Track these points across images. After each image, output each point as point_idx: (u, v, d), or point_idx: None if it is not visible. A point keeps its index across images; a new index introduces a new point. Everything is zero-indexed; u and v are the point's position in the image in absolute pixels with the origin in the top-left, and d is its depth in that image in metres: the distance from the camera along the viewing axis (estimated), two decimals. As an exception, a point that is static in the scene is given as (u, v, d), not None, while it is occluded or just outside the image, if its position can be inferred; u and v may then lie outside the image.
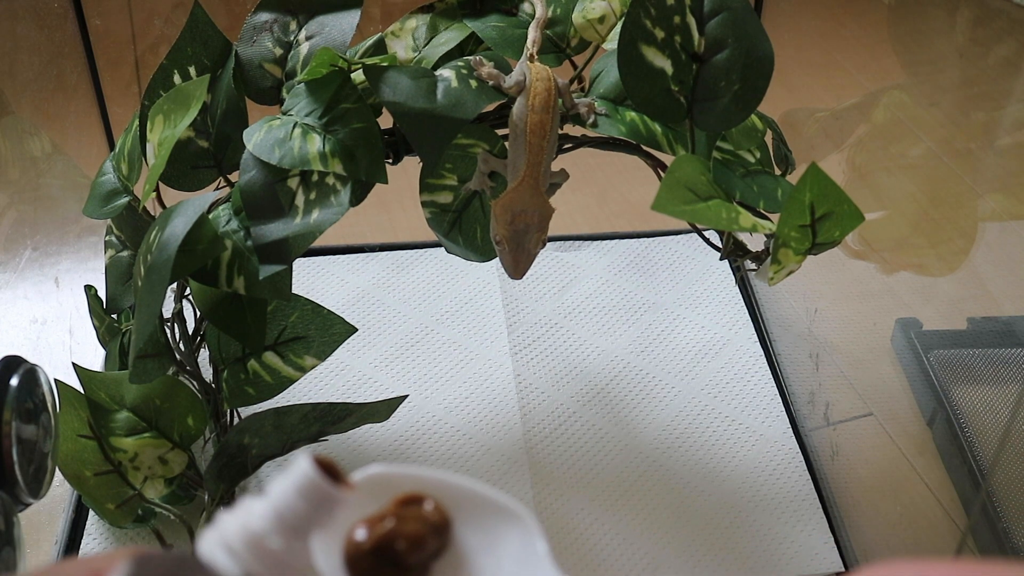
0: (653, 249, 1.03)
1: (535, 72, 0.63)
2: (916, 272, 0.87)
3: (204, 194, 0.61)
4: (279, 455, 0.74)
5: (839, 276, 0.87)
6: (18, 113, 0.86)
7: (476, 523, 0.32)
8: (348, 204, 0.60)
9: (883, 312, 0.85)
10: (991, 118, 0.84)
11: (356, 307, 0.95)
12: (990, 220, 0.82)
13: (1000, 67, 0.83)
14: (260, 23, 0.69)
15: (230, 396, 0.72)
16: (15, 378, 0.54)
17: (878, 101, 0.94)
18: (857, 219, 0.57)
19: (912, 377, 0.80)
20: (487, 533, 0.32)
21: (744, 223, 0.58)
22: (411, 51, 0.69)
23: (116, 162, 0.71)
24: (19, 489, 0.53)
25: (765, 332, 0.93)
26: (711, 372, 0.89)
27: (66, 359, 0.75)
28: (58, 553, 0.74)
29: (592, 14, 0.68)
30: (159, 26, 1.04)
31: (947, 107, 0.90)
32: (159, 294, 0.57)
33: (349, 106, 0.61)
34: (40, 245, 0.84)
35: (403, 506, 0.32)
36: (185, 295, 0.71)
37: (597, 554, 0.74)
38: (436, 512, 0.32)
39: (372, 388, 0.87)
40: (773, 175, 0.66)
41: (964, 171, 0.85)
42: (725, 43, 0.60)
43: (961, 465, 0.71)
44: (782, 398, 0.87)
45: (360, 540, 0.31)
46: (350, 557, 0.31)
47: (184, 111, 0.62)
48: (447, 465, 0.80)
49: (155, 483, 0.69)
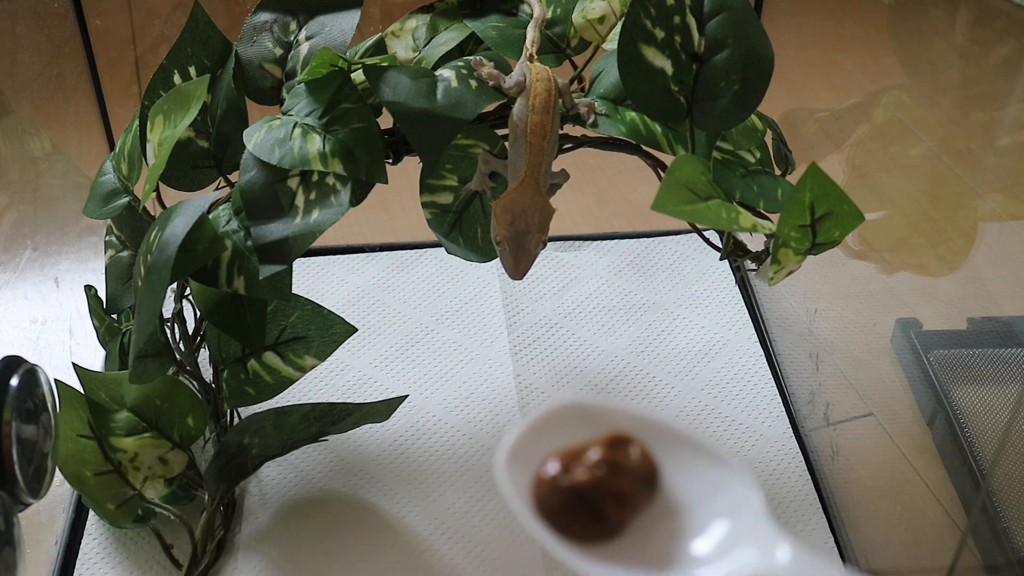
0: (653, 249, 1.03)
1: (535, 72, 0.63)
2: (916, 272, 0.87)
3: (204, 194, 0.61)
4: (279, 455, 0.74)
5: (839, 276, 0.87)
6: (18, 113, 0.87)
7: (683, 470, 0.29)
8: (348, 204, 0.60)
9: (883, 312, 0.85)
10: (991, 118, 0.84)
11: (356, 307, 0.95)
12: (990, 220, 0.82)
13: (1000, 67, 0.83)
14: (260, 23, 0.69)
15: (230, 396, 0.72)
16: (15, 378, 0.54)
17: (878, 101, 0.94)
18: (857, 219, 0.57)
19: (912, 377, 0.80)
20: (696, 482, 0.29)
21: (744, 223, 0.58)
22: (411, 51, 0.69)
23: (116, 162, 0.71)
24: (19, 489, 0.53)
25: (765, 332, 0.93)
26: (711, 372, 0.89)
27: (66, 359, 0.75)
28: (58, 553, 0.74)
29: (592, 14, 0.68)
30: (159, 26, 1.04)
31: (947, 107, 0.90)
32: (159, 294, 0.57)
33: (349, 106, 0.61)
34: (40, 245, 0.84)
35: (611, 447, 0.29)
36: (185, 295, 0.71)
37: (597, 554, 0.74)
38: (645, 460, 0.29)
39: (372, 388, 0.87)
40: (773, 175, 0.66)
41: (964, 171, 0.85)
42: (725, 43, 0.60)
43: (961, 465, 0.71)
44: (782, 398, 0.87)
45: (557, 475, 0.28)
46: (542, 489, 0.28)
47: (184, 111, 0.62)
48: (447, 465, 0.80)
49: (155, 483, 0.69)
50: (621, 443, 0.29)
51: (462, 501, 0.77)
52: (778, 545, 0.27)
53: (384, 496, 0.77)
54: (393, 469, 0.79)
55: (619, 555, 0.28)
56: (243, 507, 0.76)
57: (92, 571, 0.73)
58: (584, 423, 0.29)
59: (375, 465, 0.80)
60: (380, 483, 0.78)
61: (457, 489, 0.78)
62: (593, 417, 0.29)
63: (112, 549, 0.74)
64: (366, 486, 0.78)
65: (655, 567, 0.28)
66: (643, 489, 0.29)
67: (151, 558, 0.73)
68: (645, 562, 0.28)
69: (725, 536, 0.28)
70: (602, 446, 0.29)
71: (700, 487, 0.29)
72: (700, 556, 0.28)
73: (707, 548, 0.28)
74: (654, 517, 0.29)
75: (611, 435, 0.29)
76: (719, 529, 0.28)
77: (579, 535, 0.28)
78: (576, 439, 0.29)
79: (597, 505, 0.28)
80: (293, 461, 0.80)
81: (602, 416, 0.30)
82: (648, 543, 0.29)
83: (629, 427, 0.29)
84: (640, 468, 0.29)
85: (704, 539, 0.28)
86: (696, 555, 0.28)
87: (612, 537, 0.29)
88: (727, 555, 0.28)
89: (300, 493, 0.78)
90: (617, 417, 0.30)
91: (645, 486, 0.29)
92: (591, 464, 0.28)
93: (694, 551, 0.28)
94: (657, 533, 0.29)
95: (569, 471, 0.28)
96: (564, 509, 0.28)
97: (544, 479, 0.28)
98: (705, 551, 0.28)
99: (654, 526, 0.29)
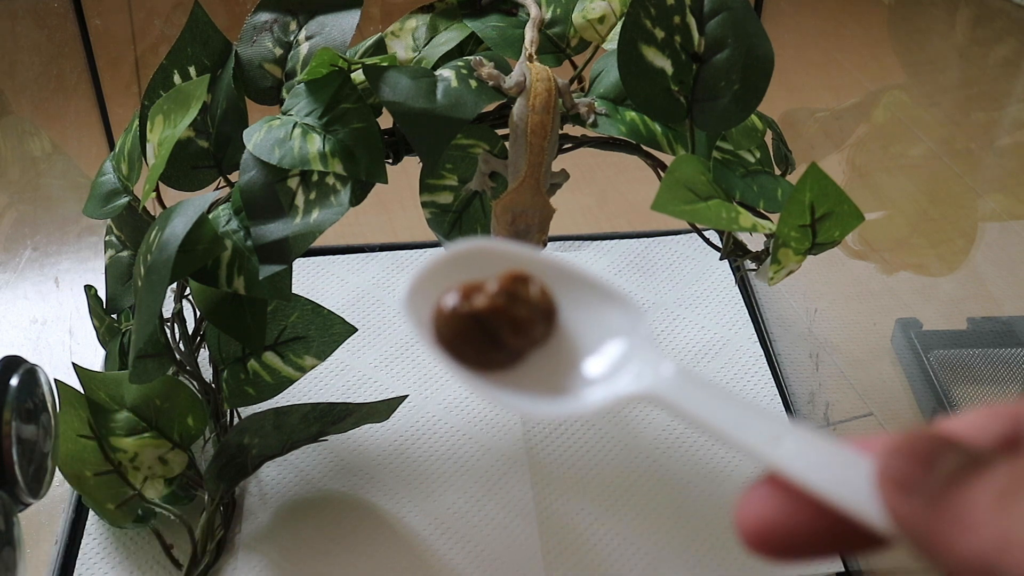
0: (653, 249, 1.03)
1: (535, 72, 0.63)
2: (916, 272, 0.87)
3: (204, 194, 0.61)
4: (279, 455, 0.74)
5: (839, 276, 0.87)
6: (18, 113, 0.86)
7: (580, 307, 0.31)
8: (348, 204, 0.60)
9: (883, 312, 0.85)
10: (991, 118, 0.85)
11: (356, 307, 0.95)
12: (990, 220, 0.82)
13: (1000, 67, 0.83)
14: (260, 23, 0.69)
15: (230, 396, 0.72)
16: (15, 378, 0.54)
17: (878, 101, 0.94)
18: (857, 219, 0.57)
19: (912, 377, 0.80)
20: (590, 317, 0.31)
21: (744, 223, 0.58)
22: (411, 51, 0.69)
23: (116, 162, 0.71)
24: (19, 489, 0.53)
25: (765, 332, 0.93)
26: (711, 372, 0.89)
27: (66, 359, 0.75)
28: (58, 553, 0.74)
29: (592, 14, 0.68)
30: (159, 26, 1.04)
31: (947, 107, 0.90)
32: (159, 294, 0.57)
33: (349, 106, 0.61)
34: (40, 245, 0.84)
35: (511, 281, 0.30)
36: (185, 295, 0.71)
37: (597, 554, 0.74)
38: (543, 296, 0.30)
39: (372, 388, 0.87)
40: (773, 175, 0.66)
41: (964, 171, 0.85)
42: (725, 43, 0.60)
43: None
44: (782, 398, 0.87)
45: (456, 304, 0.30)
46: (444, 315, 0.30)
47: (184, 111, 0.62)
48: (447, 465, 0.80)
49: (155, 483, 0.69)
50: (521, 279, 0.30)
51: (462, 501, 0.77)
52: (662, 363, 0.29)
53: (384, 496, 0.77)
54: (393, 469, 0.79)
55: (517, 382, 0.30)
56: (243, 507, 0.76)
57: (92, 571, 0.73)
58: (488, 264, 0.31)
59: (375, 465, 0.80)
60: (380, 483, 0.78)
61: (457, 489, 0.78)
62: (496, 258, 0.31)
63: (112, 549, 0.74)
64: (366, 486, 0.78)
65: (552, 392, 0.30)
66: (540, 322, 0.30)
67: (151, 558, 0.73)
68: (542, 388, 0.30)
69: (615, 360, 0.30)
70: (501, 280, 0.30)
71: (593, 320, 0.31)
72: (593, 378, 0.30)
73: (598, 371, 0.30)
74: (552, 349, 0.30)
75: (511, 272, 0.30)
76: (609, 354, 0.30)
77: (477, 361, 0.30)
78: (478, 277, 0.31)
79: (494, 331, 0.29)
80: (293, 461, 0.80)
81: (505, 257, 0.31)
82: (546, 371, 0.30)
83: (529, 267, 0.31)
84: (538, 302, 0.30)
85: (596, 364, 0.30)
86: (589, 378, 0.30)
87: (509, 366, 0.30)
88: (616, 375, 0.29)
89: (300, 493, 0.78)
90: (519, 258, 0.31)
91: (543, 319, 0.30)
92: (490, 293, 0.30)
93: (587, 374, 0.30)
94: (554, 362, 0.30)
95: (469, 300, 0.30)
96: (463, 335, 0.30)
97: (445, 308, 0.30)
98: (597, 374, 0.30)
99: (552, 356, 0.30)
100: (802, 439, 0.26)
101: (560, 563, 0.73)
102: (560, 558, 0.73)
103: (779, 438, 0.26)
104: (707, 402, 0.28)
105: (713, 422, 0.27)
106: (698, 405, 0.28)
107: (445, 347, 0.30)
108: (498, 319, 0.29)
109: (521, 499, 0.77)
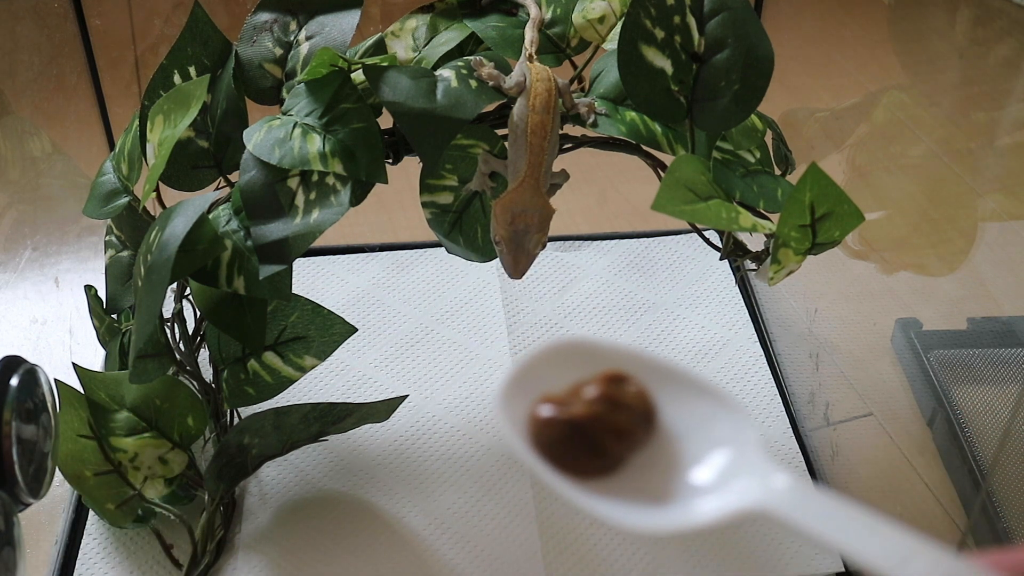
0: (653, 249, 1.03)
1: (535, 72, 0.63)
2: (916, 272, 0.87)
3: (204, 194, 0.61)
4: (279, 455, 0.74)
5: (839, 276, 0.87)
6: (18, 113, 0.86)
7: (680, 408, 0.29)
8: (348, 204, 0.60)
9: (883, 312, 0.85)
10: (991, 118, 0.85)
11: (356, 307, 0.95)
12: (990, 220, 0.82)
13: (1000, 67, 0.83)
14: (260, 23, 0.69)
15: (230, 396, 0.72)
16: (15, 378, 0.54)
17: (878, 101, 0.94)
18: (857, 219, 0.57)
19: (912, 377, 0.80)
20: (692, 419, 0.29)
21: (744, 223, 0.58)
22: (411, 51, 0.69)
23: (116, 162, 0.71)
24: (19, 489, 0.53)
25: (765, 332, 0.93)
26: (711, 372, 0.89)
27: (66, 359, 0.75)
28: (58, 553, 0.74)
29: (592, 14, 0.68)
30: (159, 26, 1.04)
31: (947, 107, 0.90)
32: (159, 294, 0.57)
33: (349, 106, 0.61)
34: (40, 245, 0.84)
35: (608, 383, 0.29)
36: (185, 295, 0.71)
37: (597, 554, 0.74)
38: (641, 398, 0.29)
39: (372, 388, 0.87)
40: (773, 175, 0.66)
41: (964, 171, 0.85)
42: (725, 43, 0.60)
43: (961, 465, 0.71)
44: (782, 398, 0.87)
45: (554, 410, 0.28)
46: (540, 424, 0.28)
47: (184, 111, 0.62)
48: (447, 465, 0.80)
49: (155, 483, 0.69)
50: (618, 380, 0.29)
51: (462, 501, 0.77)
52: (774, 475, 0.27)
53: (384, 496, 0.77)
54: (393, 469, 0.79)
55: (618, 490, 0.28)
56: (243, 507, 0.76)
57: (92, 571, 0.73)
58: (581, 361, 0.30)
59: (375, 465, 0.80)
60: (380, 483, 0.78)
61: (457, 489, 0.78)
62: (590, 356, 0.30)
63: (112, 549, 0.74)
64: (366, 486, 0.78)
65: (655, 501, 0.28)
66: (641, 425, 0.29)
67: (151, 558, 0.73)
68: (644, 496, 0.28)
69: (722, 469, 0.28)
70: (599, 383, 0.29)
71: (696, 424, 0.29)
72: (698, 488, 0.28)
73: (705, 480, 0.28)
74: (652, 453, 0.29)
75: (608, 372, 0.29)
76: (716, 463, 0.29)
77: (577, 470, 0.28)
78: (573, 377, 0.29)
79: (595, 439, 0.28)
80: (293, 461, 0.80)
81: (599, 355, 0.30)
82: (647, 478, 0.29)
83: (626, 365, 0.30)
84: (637, 405, 0.29)
85: (701, 472, 0.29)
86: (694, 487, 0.28)
87: (610, 473, 0.29)
88: (725, 486, 0.28)
89: (300, 493, 0.78)
90: (614, 355, 0.30)
91: (642, 422, 0.29)
92: (589, 399, 0.28)
93: (692, 483, 0.28)
94: (656, 468, 0.29)
95: (567, 406, 0.28)
96: (562, 443, 0.28)
97: (541, 414, 0.29)
98: (703, 483, 0.28)
99: (652, 462, 0.29)
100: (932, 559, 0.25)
101: (560, 563, 0.73)
102: (560, 558, 0.73)
103: (908, 560, 0.25)
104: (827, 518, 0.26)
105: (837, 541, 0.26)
106: (819, 522, 0.26)
107: (544, 455, 0.28)
108: (599, 426, 0.28)
109: (521, 499, 0.77)
